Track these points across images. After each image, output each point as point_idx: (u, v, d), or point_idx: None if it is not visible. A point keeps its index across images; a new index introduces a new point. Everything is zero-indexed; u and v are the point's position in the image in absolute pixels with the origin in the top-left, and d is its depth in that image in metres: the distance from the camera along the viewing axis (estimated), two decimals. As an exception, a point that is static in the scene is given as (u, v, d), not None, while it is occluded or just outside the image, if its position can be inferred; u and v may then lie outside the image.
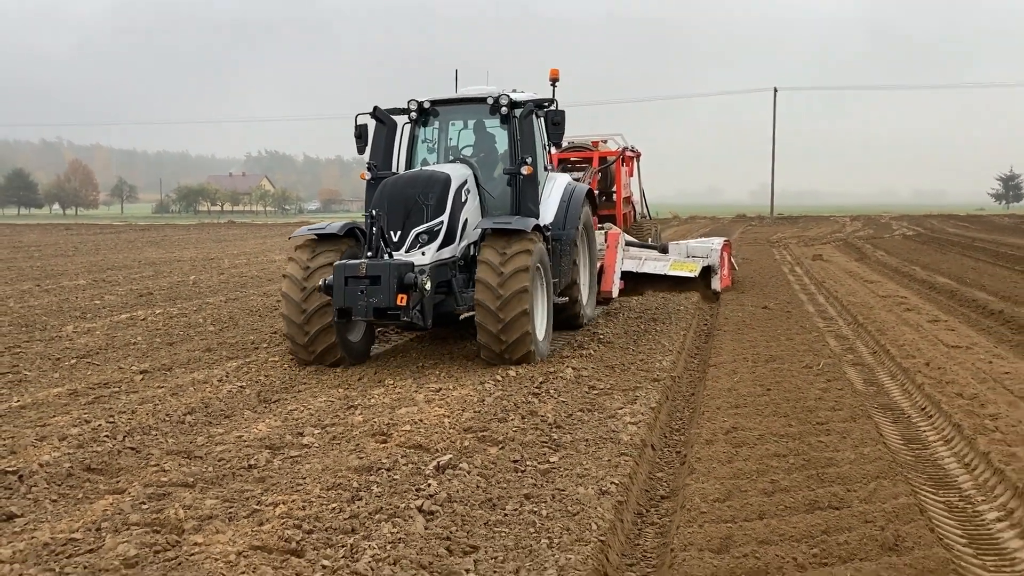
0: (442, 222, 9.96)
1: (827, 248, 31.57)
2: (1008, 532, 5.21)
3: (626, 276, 15.84)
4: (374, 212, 9.61)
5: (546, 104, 11.59)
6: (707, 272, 16.36)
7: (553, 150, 12.90)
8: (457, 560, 4.60)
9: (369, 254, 9.55)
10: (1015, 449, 6.27)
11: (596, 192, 17.58)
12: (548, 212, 11.61)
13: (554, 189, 12.06)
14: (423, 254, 9.80)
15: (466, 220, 10.49)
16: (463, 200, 10.47)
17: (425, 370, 9.88)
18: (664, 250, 16.71)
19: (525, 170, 10.82)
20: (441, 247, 9.98)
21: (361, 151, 11.28)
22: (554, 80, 11.75)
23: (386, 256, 9.61)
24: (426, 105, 11.64)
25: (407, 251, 9.80)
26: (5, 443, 6.98)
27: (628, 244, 16.39)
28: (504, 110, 11.04)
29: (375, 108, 11.33)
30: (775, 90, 69.66)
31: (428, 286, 9.27)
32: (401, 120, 11.62)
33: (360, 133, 11.17)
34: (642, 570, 4.95)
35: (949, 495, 5.93)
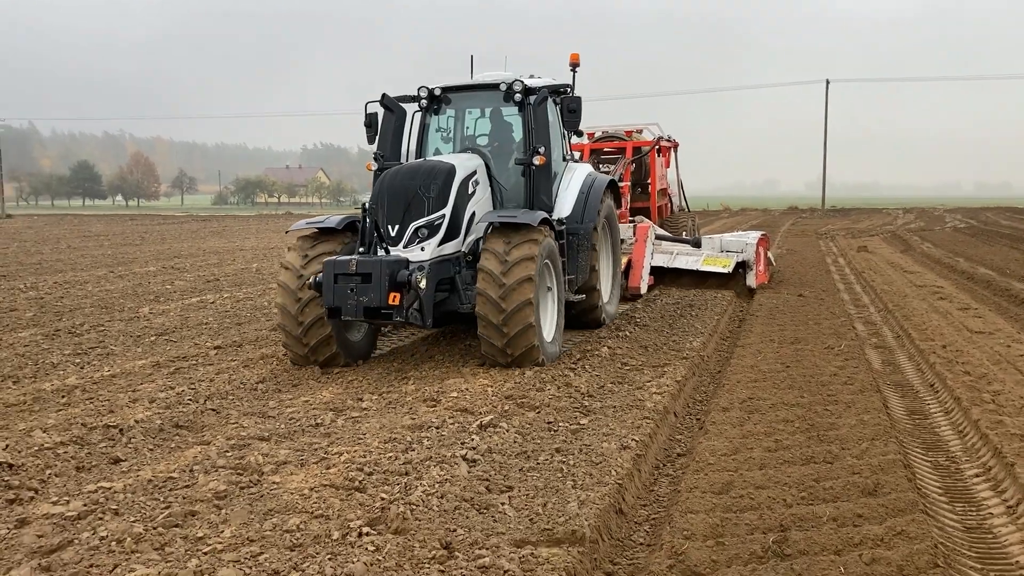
0: (444, 216, 9.38)
1: (874, 240, 31.77)
2: (982, 484, 5.89)
3: (656, 271, 15.60)
4: (366, 205, 9.19)
5: (563, 90, 11.11)
6: (742, 267, 15.78)
7: (575, 139, 12.46)
8: (494, 496, 5.43)
9: (361, 250, 9.05)
10: (1003, 418, 6.91)
11: (630, 184, 17.25)
12: (565, 204, 11.08)
13: (573, 180, 11.46)
14: (422, 250, 9.21)
15: (473, 213, 9.96)
16: (470, 192, 9.89)
17: (472, 348, 10.68)
18: (697, 244, 16.28)
19: (537, 160, 10.23)
20: (443, 242, 9.39)
21: (371, 140, 10.74)
22: (574, 65, 11.21)
23: (381, 252, 9.08)
24: (436, 92, 11.03)
25: (405, 247, 9.23)
26: (104, 403, 7.99)
27: (659, 238, 16.01)
28: (518, 96, 10.39)
29: (383, 95, 10.74)
30: (827, 82, 69.19)
31: (423, 284, 8.71)
32: (412, 108, 11.01)
33: (370, 122, 10.65)
34: (653, 510, 5.73)
35: (937, 456, 6.60)
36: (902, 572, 4.28)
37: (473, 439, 6.59)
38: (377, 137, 10.71)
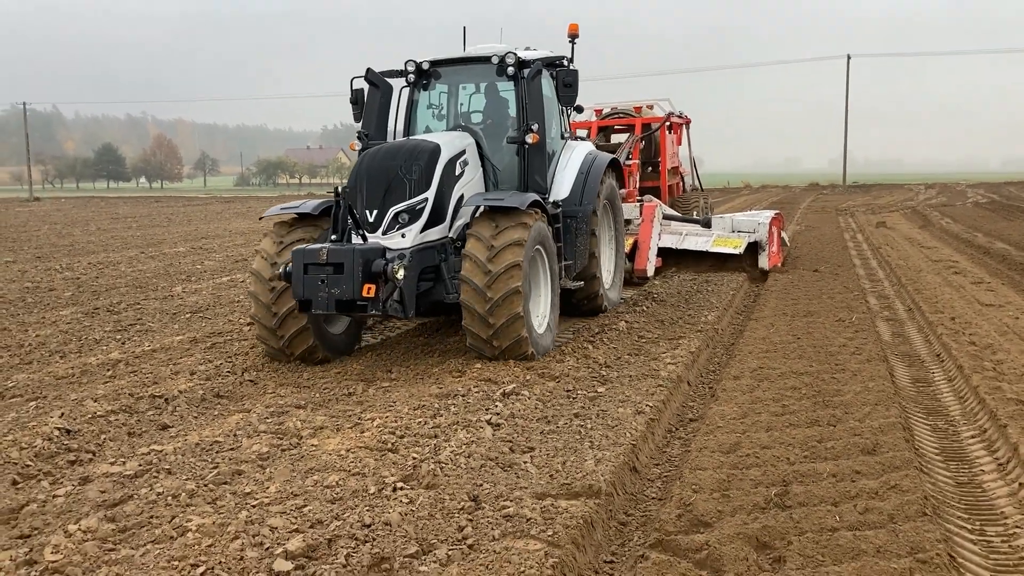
0: (427, 199, 8.71)
1: (893, 216, 31.83)
2: (976, 445, 6.25)
3: (664, 253, 15.10)
4: (339, 188, 8.45)
5: (559, 63, 10.52)
6: (754, 249, 15.07)
7: (576, 115, 11.87)
8: (517, 456, 5.85)
9: (334, 237, 8.34)
10: (1002, 384, 7.24)
11: (639, 162, 16.84)
12: (563, 185, 10.50)
13: (572, 159, 10.82)
14: (403, 236, 8.56)
15: (461, 196, 9.29)
16: (457, 173, 9.23)
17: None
18: (707, 224, 15.52)
19: (530, 138, 9.64)
20: (426, 228, 8.73)
21: (358, 119, 10.08)
22: (573, 36, 10.64)
23: (357, 239, 8.48)
24: (424, 66, 10.37)
25: (384, 233, 8.58)
26: (148, 376, 8.48)
27: (667, 217, 15.43)
28: (511, 70, 9.72)
29: (368, 70, 10.04)
30: (848, 57, 68.69)
31: (401, 274, 8.07)
32: (399, 84, 10.39)
33: (356, 99, 10.02)
34: (665, 468, 6.13)
35: (937, 420, 6.96)
36: (892, 520, 4.65)
37: (497, 406, 7.01)
38: (362, 115, 10.07)
